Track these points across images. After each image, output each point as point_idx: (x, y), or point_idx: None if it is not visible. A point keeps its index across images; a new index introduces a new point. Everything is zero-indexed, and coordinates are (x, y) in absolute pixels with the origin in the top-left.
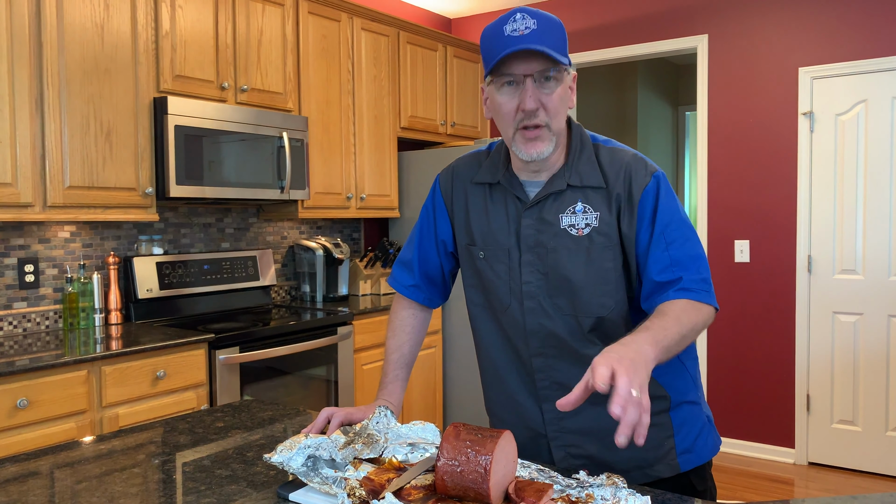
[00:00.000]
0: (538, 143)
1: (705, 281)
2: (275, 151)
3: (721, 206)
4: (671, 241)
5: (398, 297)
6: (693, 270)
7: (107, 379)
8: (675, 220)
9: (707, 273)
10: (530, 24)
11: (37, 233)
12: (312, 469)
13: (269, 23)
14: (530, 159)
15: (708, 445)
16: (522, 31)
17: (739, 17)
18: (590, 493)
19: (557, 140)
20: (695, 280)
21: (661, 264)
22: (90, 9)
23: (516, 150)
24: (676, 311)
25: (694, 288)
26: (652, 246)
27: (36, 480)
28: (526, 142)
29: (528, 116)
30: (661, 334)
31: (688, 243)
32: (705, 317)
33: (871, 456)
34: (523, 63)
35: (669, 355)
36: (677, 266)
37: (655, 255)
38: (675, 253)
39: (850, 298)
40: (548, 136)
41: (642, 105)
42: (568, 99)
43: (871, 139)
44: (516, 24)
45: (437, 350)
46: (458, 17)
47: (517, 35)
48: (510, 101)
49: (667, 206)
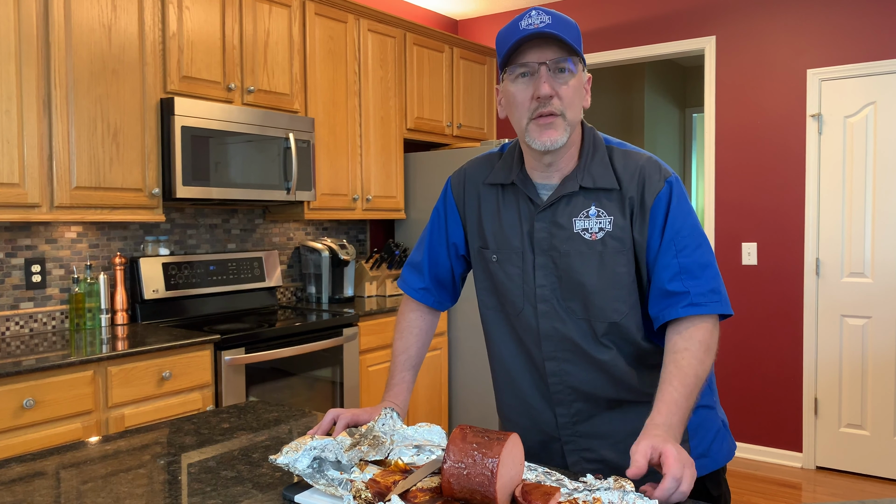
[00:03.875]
0: (552, 130)
1: (714, 291)
2: (281, 153)
3: (729, 209)
4: (681, 248)
5: (407, 298)
6: (702, 280)
7: (113, 379)
8: (686, 227)
9: (716, 282)
10: (545, 18)
11: (44, 233)
12: (318, 471)
13: (276, 24)
14: (544, 148)
15: (723, 450)
16: (537, 24)
17: (747, 19)
18: (597, 497)
19: (571, 132)
20: (703, 293)
21: (670, 271)
22: (98, 10)
23: (529, 141)
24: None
25: (702, 302)
26: (661, 252)
27: (42, 480)
28: (540, 130)
29: (542, 104)
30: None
31: (698, 251)
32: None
33: (880, 460)
34: (538, 52)
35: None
36: (686, 274)
37: (664, 261)
38: (685, 260)
39: (858, 302)
40: (562, 125)
41: (649, 107)
42: (583, 93)
43: (879, 141)
44: (531, 20)
45: (443, 352)
46: (464, 18)
47: (532, 28)
48: (525, 90)
49: (679, 212)
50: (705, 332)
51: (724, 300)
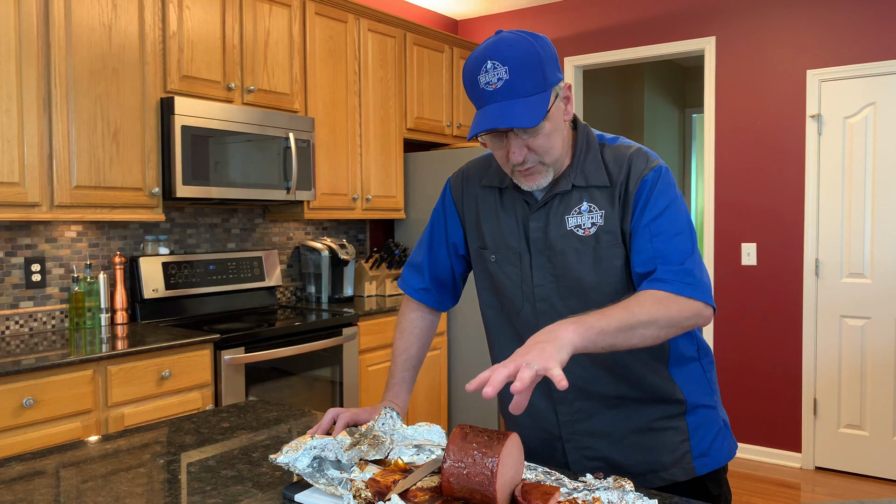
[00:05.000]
0: (535, 176)
1: (687, 273)
2: (281, 152)
3: (728, 209)
4: (657, 233)
5: (407, 299)
6: (675, 266)
7: (112, 379)
8: (667, 213)
9: (692, 266)
10: (502, 73)
11: (43, 232)
12: (318, 470)
13: (276, 23)
14: (530, 190)
15: (724, 450)
16: (495, 84)
17: (747, 20)
18: (597, 497)
19: (556, 167)
20: (672, 271)
21: (644, 255)
22: (98, 9)
23: (517, 183)
24: (631, 301)
25: (669, 279)
26: (637, 236)
27: (42, 479)
28: (524, 177)
29: (518, 164)
30: (596, 317)
31: (677, 238)
32: (675, 313)
33: (879, 460)
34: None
35: (609, 343)
36: (659, 258)
37: (639, 245)
38: (660, 245)
39: (857, 302)
40: (543, 171)
41: (649, 107)
42: (560, 123)
43: (879, 142)
44: (488, 76)
45: (443, 352)
46: (464, 18)
47: (490, 90)
48: (499, 149)
49: (661, 197)
50: (662, 303)
51: (699, 285)
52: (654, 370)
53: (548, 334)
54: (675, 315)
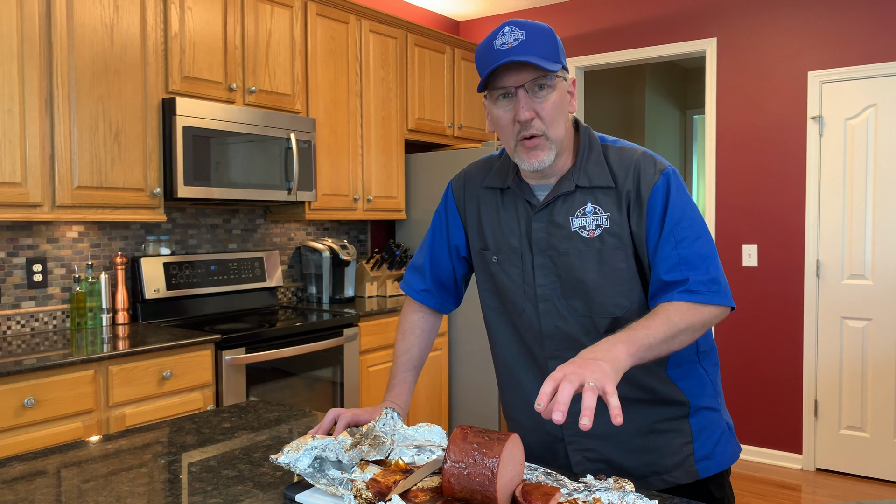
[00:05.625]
0: (538, 151)
1: (714, 281)
2: (282, 153)
3: (729, 211)
4: (680, 238)
5: (409, 300)
6: (702, 270)
7: (114, 379)
8: (685, 218)
9: (717, 272)
10: (518, 35)
11: (45, 232)
12: (319, 470)
13: (278, 24)
14: (532, 169)
15: (727, 453)
16: (511, 43)
17: (748, 21)
18: (597, 497)
19: (559, 148)
20: (702, 282)
21: (669, 262)
22: (100, 10)
23: (519, 161)
24: (669, 311)
25: (700, 290)
26: (661, 244)
27: (43, 479)
28: (527, 152)
29: (524, 127)
30: (642, 333)
31: (698, 241)
32: (707, 316)
33: (879, 462)
34: (513, 75)
35: (654, 354)
36: (685, 265)
37: (664, 252)
38: (684, 251)
39: (858, 304)
40: (546, 146)
41: (650, 108)
42: (566, 105)
43: (880, 143)
44: (505, 38)
45: (444, 352)
46: (466, 19)
47: (506, 48)
48: (506, 113)
49: (677, 203)
50: (696, 310)
51: (724, 291)
52: (652, 372)
53: (605, 353)
54: (707, 318)
